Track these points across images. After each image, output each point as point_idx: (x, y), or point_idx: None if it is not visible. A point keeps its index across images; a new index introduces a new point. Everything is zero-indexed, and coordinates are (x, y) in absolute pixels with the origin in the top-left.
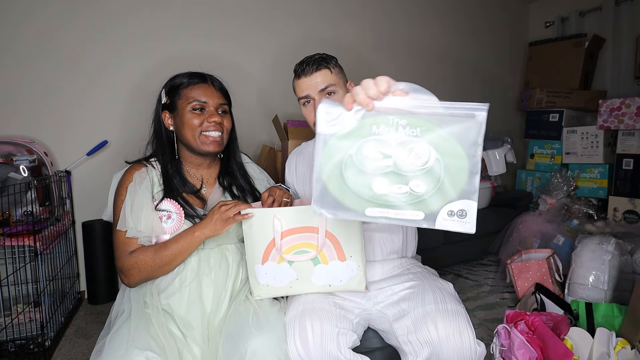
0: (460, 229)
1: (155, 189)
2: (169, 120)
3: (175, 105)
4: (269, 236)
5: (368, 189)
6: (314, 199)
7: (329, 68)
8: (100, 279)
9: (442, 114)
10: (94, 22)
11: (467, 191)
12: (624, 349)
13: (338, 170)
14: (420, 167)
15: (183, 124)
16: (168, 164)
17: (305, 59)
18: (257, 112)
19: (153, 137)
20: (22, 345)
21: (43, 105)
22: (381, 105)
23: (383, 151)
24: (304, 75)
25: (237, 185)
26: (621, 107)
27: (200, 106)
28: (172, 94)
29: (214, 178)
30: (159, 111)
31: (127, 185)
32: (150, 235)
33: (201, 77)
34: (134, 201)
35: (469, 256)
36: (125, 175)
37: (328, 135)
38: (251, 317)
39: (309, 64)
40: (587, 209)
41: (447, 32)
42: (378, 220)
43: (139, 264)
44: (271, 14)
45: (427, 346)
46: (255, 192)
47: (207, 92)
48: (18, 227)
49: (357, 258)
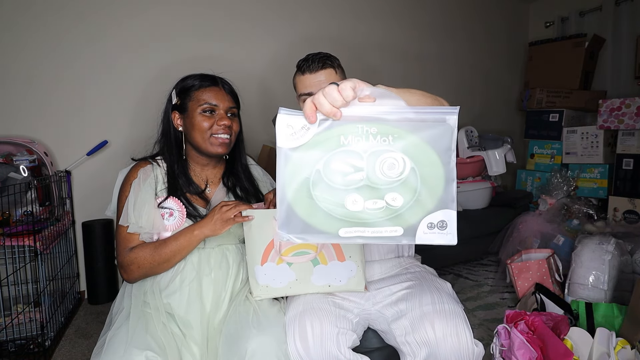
0: (442, 242)
1: (159, 187)
2: (178, 120)
3: (186, 106)
4: (268, 237)
5: (340, 207)
6: (279, 224)
7: (334, 68)
8: (100, 279)
9: (413, 119)
10: (94, 22)
11: (445, 200)
12: (624, 349)
13: (305, 188)
14: (395, 178)
15: (193, 126)
16: (175, 164)
17: (310, 55)
18: (257, 112)
19: (161, 137)
20: (22, 345)
21: (43, 105)
22: (348, 112)
23: (354, 164)
24: (308, 71)
25: (241, 186)
26: (621, 107)
27: (210, 109)
28: (183, 95)
29: (218, 178)
30: (169, 111)
31: (131, 181)
32: (151, 232)
33: (212, 79)
34: (136, 197)
35: (469, 256)
36: (131, 172)
37: (290, 149)
38: (251, 317)
39: (315, 61)
40: (587, 209)
41: (447, 32)
42: (353, 241)
43: (138, 260)
44: (271, 13)
45: (425, 346)
46: (259, 194)
47: (218, 95)
48: (18, 227)
49: (356, 258)
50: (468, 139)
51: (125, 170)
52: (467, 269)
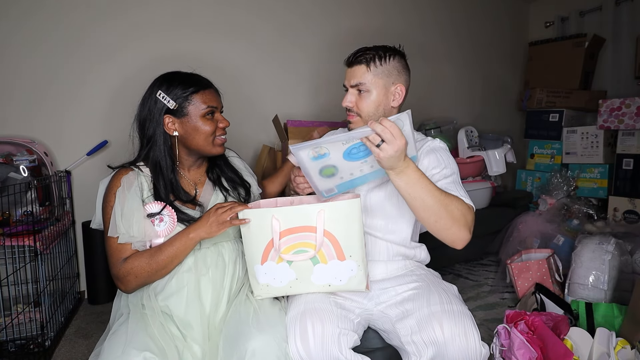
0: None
1: (144, 194)
2: (173, 125)
3: (185, 111)
4: (267, 236)
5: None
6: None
7: (368, 65)
8: (100, 279)
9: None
10: (93, 21)
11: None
12: (624, 349)
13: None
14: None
15: (196, 130)
16: (168, 171)
17: (359, 49)
18: (257, 112)
19: (147, 143)
20: (22, 345)
21: (43, 105)
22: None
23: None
24: (346, 64)
25: (225, 177)
26: (621, 107)
27: (211, 112)
28: (180, 100)
29: (204, 176)
30: (159, 116)
31: (115, 190)
32: (143, 240)
33: (206, 81)
34: (123, 206)
35: (469, 256)
36: (113, 180)
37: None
38: (251, 316)
39: (352, 56)
40: (587, 209)
41: (447, 32)
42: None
43: (135, 270)
44: (272, 13)
45: (432, 346)
46: (244, 183)
47: (214, 97)
48: (18, 227)
49: (356, 257)
50: (468, 139)
51: (106, 180)
52: (467, 269)
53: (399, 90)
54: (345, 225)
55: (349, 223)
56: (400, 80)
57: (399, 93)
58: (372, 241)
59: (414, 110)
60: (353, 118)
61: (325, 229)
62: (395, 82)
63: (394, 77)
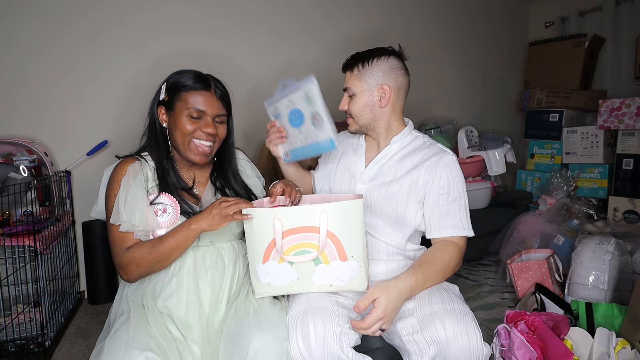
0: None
1: (149, 184)
2: (163, 116)
3: (173, 105)
4: (269, 236)
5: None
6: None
7: (352, 70)
8: (100, 279)
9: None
10: (93, 22)
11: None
12: (624, 349)
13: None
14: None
15: (176, 127)
16: (164, 159)
17: (352, 54)
18: (257, 111)
19: (147, 129)
20: (22, 345)
21: (43, 105)
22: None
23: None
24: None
25: (231, 189)
26: (621, 107)
27: (197, 115)
28: (172, 93)
29: (206, 177)
30: (155, 105)
31: (119, 178)
32: (145, 230)
33: (205, 82)
34: (127, 194)
35: (469, 256)
36: (118, 168)
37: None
38: (252, 316)
39: (345, 62)
40: (587, 209)
41: (447, 32)
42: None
43: (137, 259)
44: (272, 13)
45: (434, 345)
46: (250, 196)
47: (207, 100)
48: (18, 227)
49: (358, 258)
50: (468, 139)
51: (111, 167)
52: (467, 269)
53: (385, 90)
54: (348, 226)
55: (352, 223)
56: (386, 80)
57: (386, 92)
58: (372, 240)
59: (415, 110)
60: (348, 120)
61: (328, 230)
62: (379, 82)
63: (378, 78)
